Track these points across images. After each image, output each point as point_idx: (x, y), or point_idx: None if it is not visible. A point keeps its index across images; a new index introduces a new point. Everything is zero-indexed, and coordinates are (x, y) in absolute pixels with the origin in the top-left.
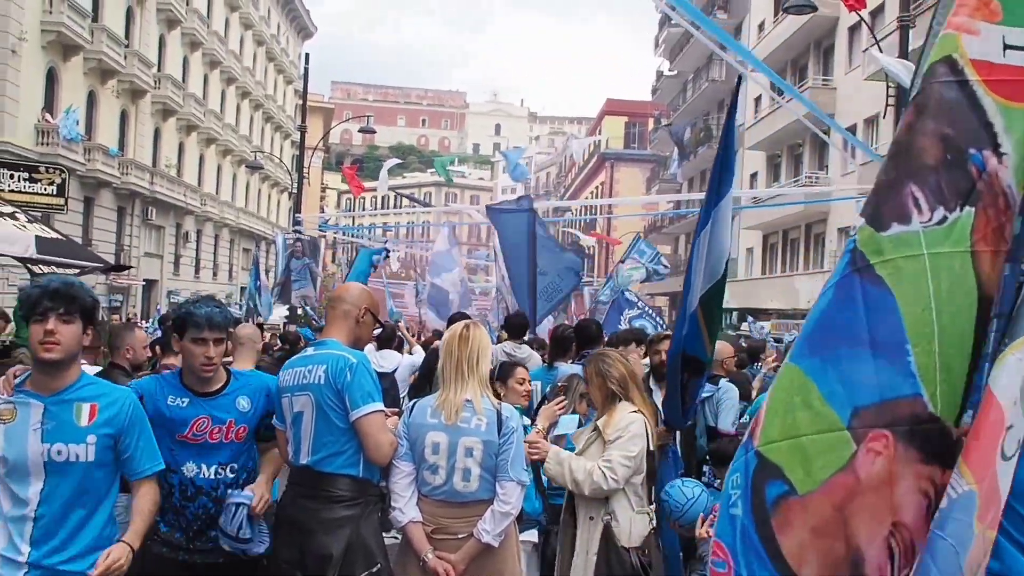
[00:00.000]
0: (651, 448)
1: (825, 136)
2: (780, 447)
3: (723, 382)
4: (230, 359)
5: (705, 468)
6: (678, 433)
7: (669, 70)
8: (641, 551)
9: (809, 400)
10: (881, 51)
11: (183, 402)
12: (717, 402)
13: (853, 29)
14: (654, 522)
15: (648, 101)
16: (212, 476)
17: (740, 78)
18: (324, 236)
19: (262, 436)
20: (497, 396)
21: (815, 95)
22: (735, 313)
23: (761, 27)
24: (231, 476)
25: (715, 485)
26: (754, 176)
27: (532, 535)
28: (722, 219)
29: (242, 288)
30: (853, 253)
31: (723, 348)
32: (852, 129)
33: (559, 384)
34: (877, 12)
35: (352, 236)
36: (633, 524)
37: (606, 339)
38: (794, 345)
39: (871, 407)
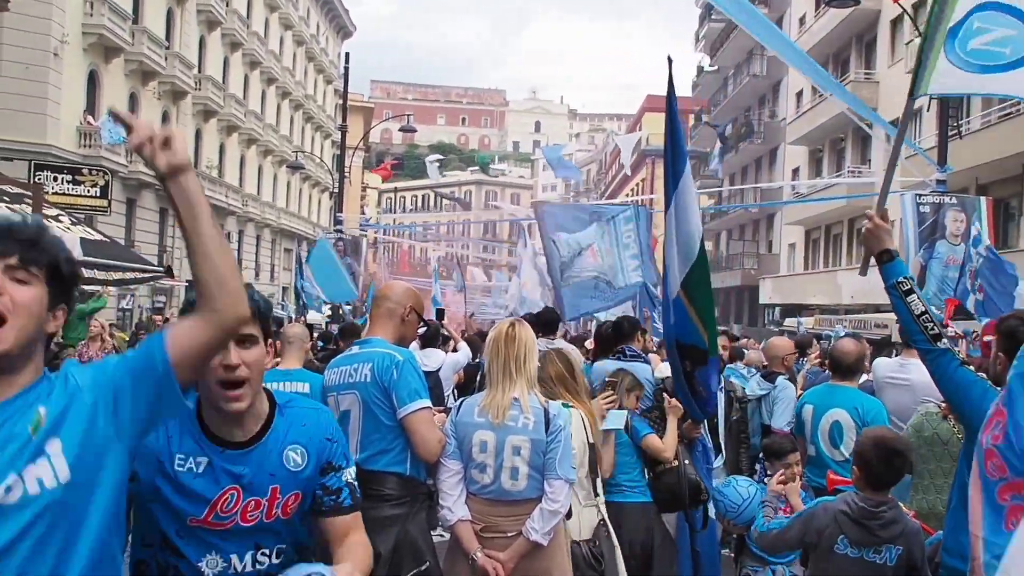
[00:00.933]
0: (591, 441)
1: (869, 129)
2: None
3: (780, 380)
4: (278, 360)
5: (757, 466)
6: (723, 430)
7: (709, 65)
8: (591, 543)
9: None
10: None
11: (198, 464)
12: (773, 400)
13: (895, 22)
14: (603, 514)
15: (688, 97)
16: (250, 567)
17: (670, 59)
18: (365, 235)
19: (320, 507)
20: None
21: (857, 89)
22: (777, 309)
23: (802, 21)
24: (277, 562)
25: (765, 481)
26: (796, 171)
27: None
28: (683, 202)
29: (284, 288)
30: None
31: (784, 345)
32: (895, 123)
33: (606, 379)
34: (920, 4)
35: (395, 234)
36: (582, 518)
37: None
38: None
39: None
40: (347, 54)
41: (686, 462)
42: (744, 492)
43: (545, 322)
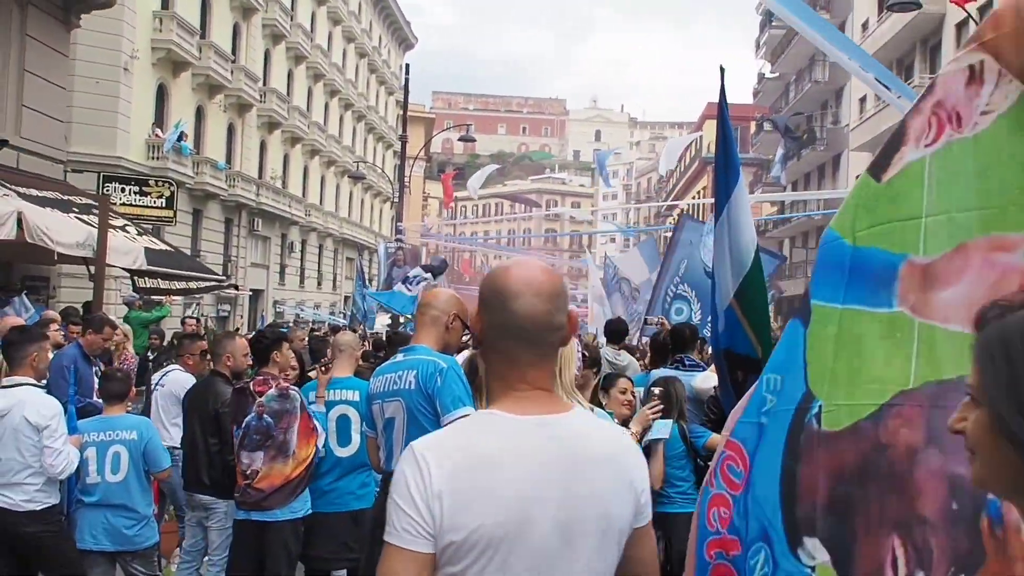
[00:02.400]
0: None
1: None
2: None
3: None
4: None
5: None
6: None
7: (771, 72)
8: None
9: None
10: None
11: None
12: None
13: (960, 26)
14: None
15: (750, 104)
16: None
17: (722, 69)
18: (426, 244)
19: None
20: (600, 406)
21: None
22: None
23: (865, 26)
24: None
25: None
26: (859, 178)
27: None
28: (736, 213)
29: (346, 297)
30: None
31: None
32: None
33: (652, 389)
34: (985, 8)
35: (454, 244)
36: None
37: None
38: None
39: None
40: (407, 65)
41: None
42: None
43: (614, 331)
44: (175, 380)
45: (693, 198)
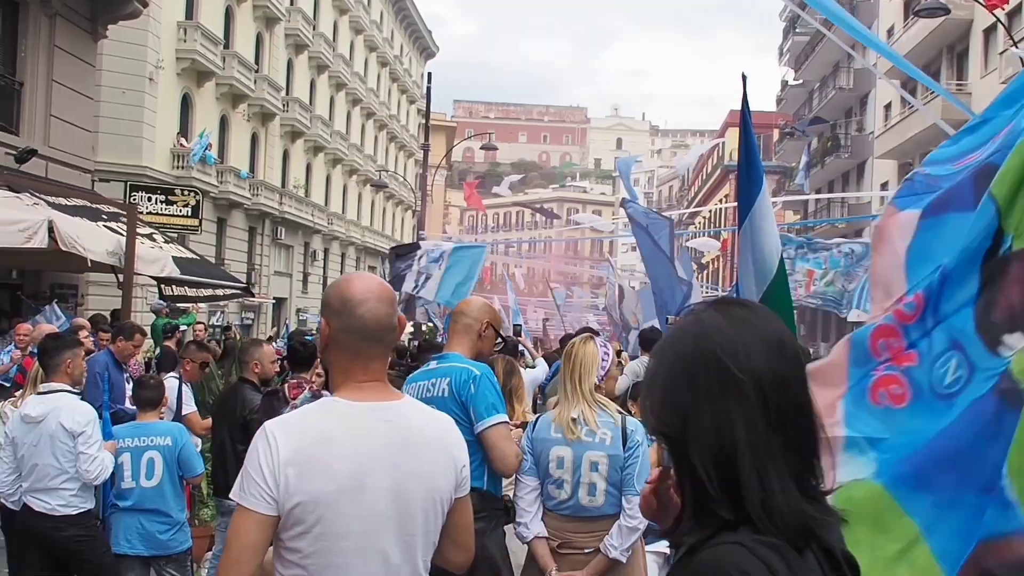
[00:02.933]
0: None
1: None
2: None
3: None
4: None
5: None
6: None
7: (794, 79)
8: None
9: (914, 557)
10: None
11: None
12: None
13: (988, 31)
14: None
15: (772, 111)
16: None
17: (744, 76)
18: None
19: None
20: (629, 413)
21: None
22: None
23: (890, 32)
24: None
25: None
26: (884, 185)
27: (663, 546)
28: (759, 221)
29: None
30: (1004, 376)
31: None
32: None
33: None
34: (1013, 13)
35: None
36: None
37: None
38: (883, 458)
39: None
40: (429, 74)
41: None
42: None
43: (648, 340)
44: None
45: (718, 202)
